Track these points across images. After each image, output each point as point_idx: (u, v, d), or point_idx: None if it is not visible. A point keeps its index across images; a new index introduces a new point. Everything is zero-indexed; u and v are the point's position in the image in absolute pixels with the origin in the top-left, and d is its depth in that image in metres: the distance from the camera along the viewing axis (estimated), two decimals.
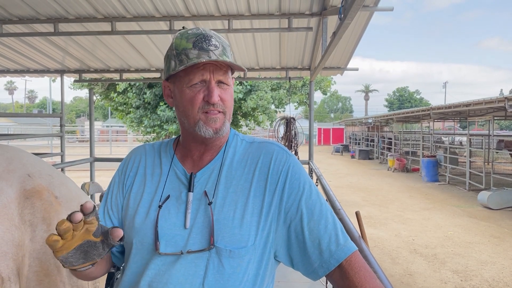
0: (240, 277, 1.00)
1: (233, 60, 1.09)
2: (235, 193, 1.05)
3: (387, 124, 26.54)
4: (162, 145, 1.20)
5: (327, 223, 1.04)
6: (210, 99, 1.03)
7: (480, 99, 10.15)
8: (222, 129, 1.07)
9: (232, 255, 1.00)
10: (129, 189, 1.14)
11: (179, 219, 1.03)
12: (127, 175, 1.16)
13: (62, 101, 6.72)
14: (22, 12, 3.97)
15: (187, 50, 1.03)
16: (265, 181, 1.06)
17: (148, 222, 1.05)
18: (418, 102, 70.08)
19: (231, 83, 1.10)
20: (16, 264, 1.19)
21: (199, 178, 1.08)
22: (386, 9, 3.55)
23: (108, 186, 1.19)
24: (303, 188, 1.07)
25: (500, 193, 9.91)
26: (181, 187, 1.08)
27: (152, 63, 6.13)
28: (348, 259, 1.00)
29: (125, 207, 1.12)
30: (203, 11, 3.93)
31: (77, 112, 67.94)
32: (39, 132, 30.06)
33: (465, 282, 5.27)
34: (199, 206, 1.04)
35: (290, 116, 7.00)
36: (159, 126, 9.48)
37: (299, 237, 1.03)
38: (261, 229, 1.03)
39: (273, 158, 1.09)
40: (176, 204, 1.06)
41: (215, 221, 1.01)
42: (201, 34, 1.05)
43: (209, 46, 1.04)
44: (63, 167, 6.22)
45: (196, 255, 1.00)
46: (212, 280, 0.99)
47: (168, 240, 1.02)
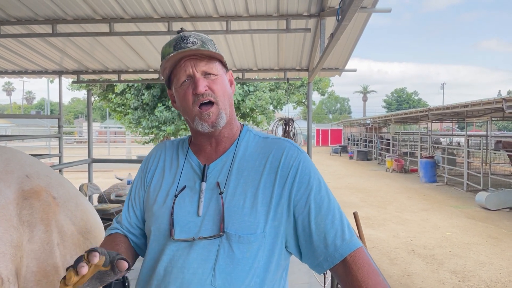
0: (250, 262, 1.04)
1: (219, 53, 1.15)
2: (246, 183, 1.10)
3: (385, 125, 26.57)
4: (180, 141, 1.28)
5: (334, 219, 1.07)
6: (196, 89, 1.09)
7: (478, 100, 10.17)
8: (218, 121, 1.11)
9: (241, 241, 1.04)
10: (149, 182, 1.22)
11: (193, 207, 1.10)
12: (148, 170, 1.25)
13: (60, 102, 6.72)
14: (20, 13, 3.97)
15: (169, 54, 1.11)
16: (275, 174, 1.11)
17: (165, 210, 1.12)
18: (416, 103, 70.18)
19: (220, 72, 1.15)
20: (14, 264, 1.19)
21: (212, 169, 1.14)
22: (384, 10, 3.56)
23: (133, 180, 1.29)
24: (312, 184, 1.10)
25: (498, 194, 9.93)
26: (195, 178, 1.15)
27: (150, 64, 6.13)
28: (352, 254, 1.03)
29: (146, 198, 1.21)
30: (201, 12, 3.93)
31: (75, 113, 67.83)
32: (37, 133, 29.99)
33: (463, 283, 5.28)
34: (211, 196, 1.10)
35: (289, 117, 7.01)
36: (157, 127, 9.48)
37: (306, 230, 1.07)
38: (271, 219, 1.07)
39: (284, 153, 1.13)
40: (190, 194, 1.12)
41: (225, 209, 1.06)
42: (179, 37, 1.13)
43: (186, 44, 1.10)
44: (61, 168, 6.21)
45: (208, 241, 1.05)
46: (222, 264, 1.03)
47: (182, 227, 1.08)
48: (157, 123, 9.47)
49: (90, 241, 1.40)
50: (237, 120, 1.24)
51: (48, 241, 1.28)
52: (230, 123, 1.18)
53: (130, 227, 1.24)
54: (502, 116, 13.04)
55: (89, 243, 1.39)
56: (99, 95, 10.47)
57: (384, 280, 1.02)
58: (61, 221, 1.34)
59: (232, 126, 1.19)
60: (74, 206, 1.41)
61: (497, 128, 45.93)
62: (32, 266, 1.24)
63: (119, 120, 10.76)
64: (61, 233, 1.32)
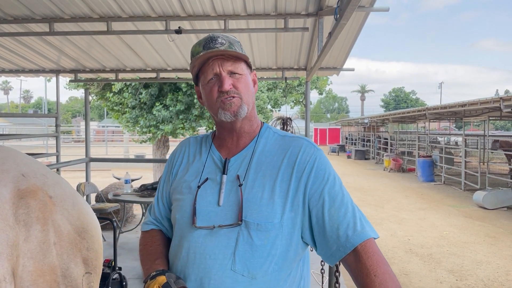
0: (267, 249, 1.11)
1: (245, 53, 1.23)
2: (264, 177, 1.17)
3: (383, 124, 26.60)
4: (203, 137, 1.37)
5: (347, 212, 1.12)
6: (221, 87, 1.17)
7: (476, 100, 10.19)
8: (240, 111, 1.19)
9: (259, 228, 1.11)
10: (175, 176, 1.32)
11: (214, 198, 1.18)
12: (174, 164, 1.35)
13: (57, 101, 6.70)
14: (17, 11, 3.96)
15: (199, 53, 1.19)
16: (292, 168, 1.17)
17: (189, 200, 1.21)
18: (414, 102, 70.28)
19: (245, 72, 1.23)
20: (11, 264, 1.19)
21: (233, 163, 1.22)
22: (381, 10, 3.56)
23: (161, 176, 1.40)
24: (327, 178, 1.16)
25: (495, 193, 9.95)
26: (217, 171, 1.23)
27: (148, 63, 6.12)
28: (363, 244, 1.07)
29: (172, 190, 1.30)
30: (199, 11, 3.93)
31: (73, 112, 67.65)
32: (34, 132, 29.92)
33: (461, 282, 5.29)
34: (232, 187, 1.18)
35: (287, 117, 7.00)
36: (154, 126, 9.44)
37: (320, 222, 1.13)
38: (288, 210, 1.13)
39: (301, 150, 1.20)
40: (212, 185, 1.21)
41: (244, 200, 1.14)
42: (209, 37, 1.21)
43: (215, 45, 1.18)
44: (59, 167, 6.20)
45: (228, 229, 1.12)
46: (242, 251, 1.10)
47: (204, 216, 1.16)
48: (154, 122, 9.43)
49: (87, 240, 1.39)
50: (258, 118, 1.31)
51: (44, 240, 1.27)
52: (251, 119, 1.26)
53: (161, 219, 1.34)
54: (499, 115, 13.06)
55: (85, 243, 1.38)
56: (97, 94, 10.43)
57: (392, 272, 1.06)
58: (57, 221, 1.33)
59: (253, 123, 1.27)
60: (70, 205, 1.40)
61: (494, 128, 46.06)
62: (29, 266, 1.23)
63: (117, 119, 10.71)
64: (57, 232, 1.31)
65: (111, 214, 6.22)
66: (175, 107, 9.08)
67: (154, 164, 10.91)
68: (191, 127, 9.46)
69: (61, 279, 1.30)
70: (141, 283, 4.22)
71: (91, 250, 1.40)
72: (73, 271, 1.34)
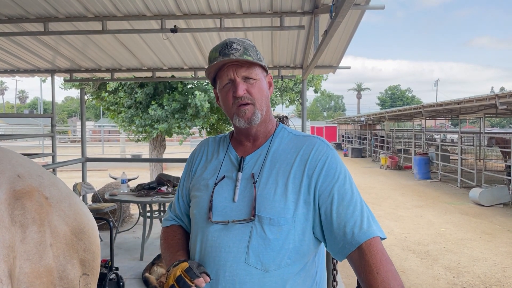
0: (280, 243, 1.15)
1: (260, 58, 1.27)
2: (277, 174, 1.22)
3: (380, 122, 26.67)
4: (222, 138, 1.43)
5: (355, 210, 1.16)
6: (235, 93, 1.22)
7: (471, 97, 10.21)
8: (253, 118, 1.24)
9: (272, 223, 1.15)
10: (194, 174, 1.38)
11: (229, 194, 1.24)
12: (194, 163, 1.41)
13: (53, 101, 6.67)
14: (11, 11, 3.93)
15: (216, 59, 1.23)
16: (304, 166, 1.21)
17: (206, 196, 1.26)
18: (410, 100, 70.47)
19: (259, 77, 1.27)
20: (7, 266, 1.18)
21: (248, 161, 1.28)
22: (377, 7, 3.56)
23: (182, 173, 1.46)
24: (338, 177, 1.20)
25: (491, 190, 9.99)
26: (233, 169, 1.29)
27: (144, 62, 6.10)
28: (367, 242, 1.10)
29: (191, 188, 1.36)
30: (194, 10, 3.91)
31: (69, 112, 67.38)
32: (30, 132, 29.79)
33: (457, 279, 5.31)
34: (246, 184, 1.23)
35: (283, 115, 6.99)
36: (150, 126, 9.42)
37: (328, 219, 1.16)
38: (301, 206, 1.17)
39: (314, 148, 1.24)
40: (228, 182, 1.26)
41: (258, 196, 1.19)
42: (225, 43, 1.25)
43: (230, 51, 1.22)
44: (55, 168, 6.17)
45: (242, 224, 1.17)
46: (255, 244, 1.15)
47: (219, 211, 1.22)
48: (150, 121, 9.41)
49: (84, 241, 1.39)
50: (273, 119, 1.37)
51: (41, 241, 1.26)
52: (265, 121, 1.31)
53: (181, 215, 1.41)
54: (495, 112, 13.13)
55: (82, 244, 1.38)
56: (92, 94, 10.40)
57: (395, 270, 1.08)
58: (54, 222, 1.32)
59: (267, 124, 1.32)
60: (67, 206, 1.39)
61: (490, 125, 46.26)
62: (25, 267, 1.22)
63: (113, 119, 10.68)
64: (54, 233, 1.30)
65: (107, 214, 6.21)
66: (170, 106, 9.06)
67: (151, 164, 10.89)
68: (186, 126, 9.44)
69: (57, 280, 1.29)
70: (138, 283, 4.22)
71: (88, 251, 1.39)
72: (70, 272, 1.33)
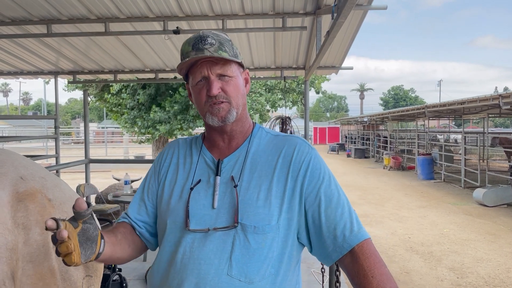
0: (264, 252, 1.08)
1: (236, 53, 1.18)
2: (259, 177, 1.15)
3: (383, 123, 26.61)
4: (193, 139, 1.33)
5: (343, 211, 1.12)
6: (209, 91, 1.13)
7: (475, 97, 10.17)
8: (228, 116, 1.16)
9: (257, 231, 1.08)
10: (163, 177, 1.26)
11: (208, 201, 1.14)
12: (162, 165, 1.29)
13: (56, 103, 6.69)
14: (14, 13, 3.95)
15: (188, 53, 1.14)
16: (287, 168, 1.15)
17: (181, 203, 1.16)
18: (413, 100, 70.27)
19: (235, 74, 1.18)
20: (10, 268, 1.18)
21: (226, 164, 1.19)
22: (379, 8, 3.56)
23: (145, 176, 1.33)
24: (323, 178, 1.15)
25: (495, 190, 9.94)
26: (209, 172, 1.19)
27: (146, 63, 6.11)
28: (360, 245, 1.07)
29: (160, 193, 1.24)
30: (196, 11, 3.92)
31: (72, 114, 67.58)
32: (34, 134, 29.89)
33: (461, 279, 5.29)
34: (226, 189, 1.15)
35: (286, 116, 6.99)
36: (152, 127, 9.45)
37: (316, 222, 1.12)
38: (284, 211, 1.11)
39: (296, 149, 1.18)
40: (205, 188, 1.17)
41: (240, 202, 1.11)
42: (198, 37, 1.15)
43: (204, 45, 1.13)
44: (58, 169, 6.19)
45: (223, 232, 1.09)
46: (238, 254, 1.07)
47: (198, 219, 1.12)
48: (152, 122, 9.44)
49: None
50: (249, 118, 1.29)
51: (43, 243, 1.27)
52: (242, 120, 1.23)
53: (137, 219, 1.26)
54: (498, 112, 13.07)
55: None
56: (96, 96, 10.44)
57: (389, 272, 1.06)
58: None
59: (244, 124, 1.24)
60: (70, 208, 1.40)
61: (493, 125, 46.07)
62: (28, 269, 1.23)
63: (116, 120, 10.72)
64: None
65: (111, 215, 6.21)
66: (172, 108, 9.08)
67: None
68: (188, 127, 9.46)
69: (61, 282, 1.30)
70: (141, 284, 4.22)
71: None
72: (73, 274, 1.34)
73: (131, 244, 1.20)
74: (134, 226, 1.25)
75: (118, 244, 1.12)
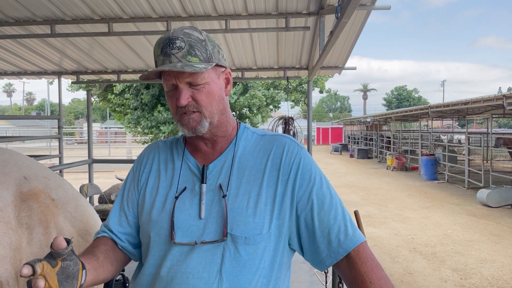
0: (256, 263, 1.03)
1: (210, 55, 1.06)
2: (248, 183, 1.08)
3: (386, 123, 26.55)
4: (173, 141, 1.23)
5: (337, 214, 1.07)
6: (178, 102, 1.04)
7: (478, 97, 10.14)
8: (198, 127, 1.07)
9: (248, 242, 1.02)
10: (144, 185, 1.17)
11: (194, 210, 1.06)
12: (142, 172, 1.19)
13: (60, 103, 6.71)
14: (18, 13, 3.96)
15: (157, 57, 1.06)
16: (277, 171, 1.09)
17: (164, 214, 1.08)
18: (416, 100, 70.14)
19: (208, 79, 1.07)
20: (14, 267, 1.18)
21: (212, 170, 1.11)
22: (383, 8, 3.55)
23: (123, 184, 1.22)
24: (314, 179, 1.09)
25: (499, 191, 9.91)
26: (194, 179, 1.11)
27: (150, 63, 6.12)
28: (356, 249, 1.03)
29: (141, 203, 1.15)
30: (200, 11, 3.92)
31: (76, 114, 67.84)
32: (37, 134, 30.00)
33: (465, 280, 5.27)
34: (213, 197, 1.07)
35: (288, 116, 6.99)
36: (156, 127, 9.48)
37: (309, 227, 1.06)
38: (275, 217, 1.06)
39: (285, 150, 1.12)
40: (190, 196, 1.09)
41: (229, 211, 1.04)
42: (167, 38, 1.05)
43: (171, 50, 1.03)
44: (62, 169, 6.20)
45: (212, 245, 1.02)
46: (229, 267, 1.01)
47: (184, 231, 1.05)
48: (155, 122, 9.46)
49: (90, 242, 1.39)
50: (233, 119, 1.19)
51: (47, 243, 1.27)
52: (224, 124, 1.14)
53: (118, 232, 1.17)
54: (502, 113, 13.01)
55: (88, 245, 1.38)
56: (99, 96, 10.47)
57: (386, 276, 1.03)
58: (60, 223, 1.33)
59: (227, 127, 1.15)
60: (73, 207, 1.40)
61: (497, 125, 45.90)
62: None
63: (119, 120, 10.76)
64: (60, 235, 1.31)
65: None
66: None
67: None
68: None
69: None
70: None
71: None
72: None
73: (114, 262, 1.12)
74: (116, 241, 1.16)
75: (100, 267, 1.04)
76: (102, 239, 1.15)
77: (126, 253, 1.18)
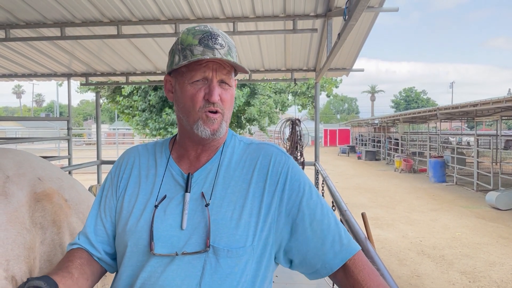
0: (237, 277, 0.98)
1: (238, 61, 1.08)
2: (233, 194, 1.03)
3: (394, 125, 26.43)
4: (156, 146, 1.17)
5: (330, 224, 1.03)
6: (210, 97, 1.01)
7: (488, 99, 10.07)
8: (219, 130, 1.05)
9: (230, 255, 0.98)
10: (123, 192, 1.11)
11: (176, 220, 1.01)
12: (120, 178, 1.13)
13: (69, 105, 6.78)
14: (29, 16, 4.01)
15: (192, 46, 1.01)
16: (264, 182, 1.05)
17: (143, 223, 1.02)
18: (425, 102, 69.71)
19: (233, 84, 1.08)
20: (28, 266, 1.21)
21: (196, 178, 1.06)
22: (391, 10, 3.55)
23: (100, 189, 1.16)
24: (303, 189, 1.06)
25: (508, 194, 9.82)
26: (177, 188, 1.06)
27: (158, 65, 6.16)
28: (352, 259, 1.01)
29: (119, 210, 1.10)
30: (208, 13, 3.95)
31: (84, 115, 68.35)
32: (46, 135, 30.27)
33: (473, 284, 5.23)
34: (196, 207, 1.02)
35: (295, 118, 6.99)
36: (164, 129, 9.52)
37: (300, 239, 1.03)
38: (260, 230, 1.01)
39: (272, 160, 1.08)
40: (172, 205, 1.03)
41: (212, 222, 0.99)
42: (208, 32, 1.03)
43: (214, 45, 1.01)
44: (71, 170, 6.26)
45: (192, 256, 0.98)
46: (209, 281, 0.97)
47: (164, 242, 1.00)
48: (164, 124, 9.51)
49: None
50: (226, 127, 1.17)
51: (60, 243, 1.29)
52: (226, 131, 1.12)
53: (94, 241, 1.10)
54: None
55: None
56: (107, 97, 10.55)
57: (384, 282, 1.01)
58: (73, 223, 1.35)
59: (225, 135, 1.13)
60: (85, 208, 1.43)
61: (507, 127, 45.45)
62: (45, 268, 1.26)
63: (127, 122, 10.83)
64: (73, 235, 1.33)
65: None
66: None
67: None
68: None
69: None
70: None
71: None
72: None
73: (90, 277, 1.06)
74: (92, 252, 1.09)
75: (75, 285, 0.99)
76: (77, 252, 1.09)
77: (102, 265, 1.12)
